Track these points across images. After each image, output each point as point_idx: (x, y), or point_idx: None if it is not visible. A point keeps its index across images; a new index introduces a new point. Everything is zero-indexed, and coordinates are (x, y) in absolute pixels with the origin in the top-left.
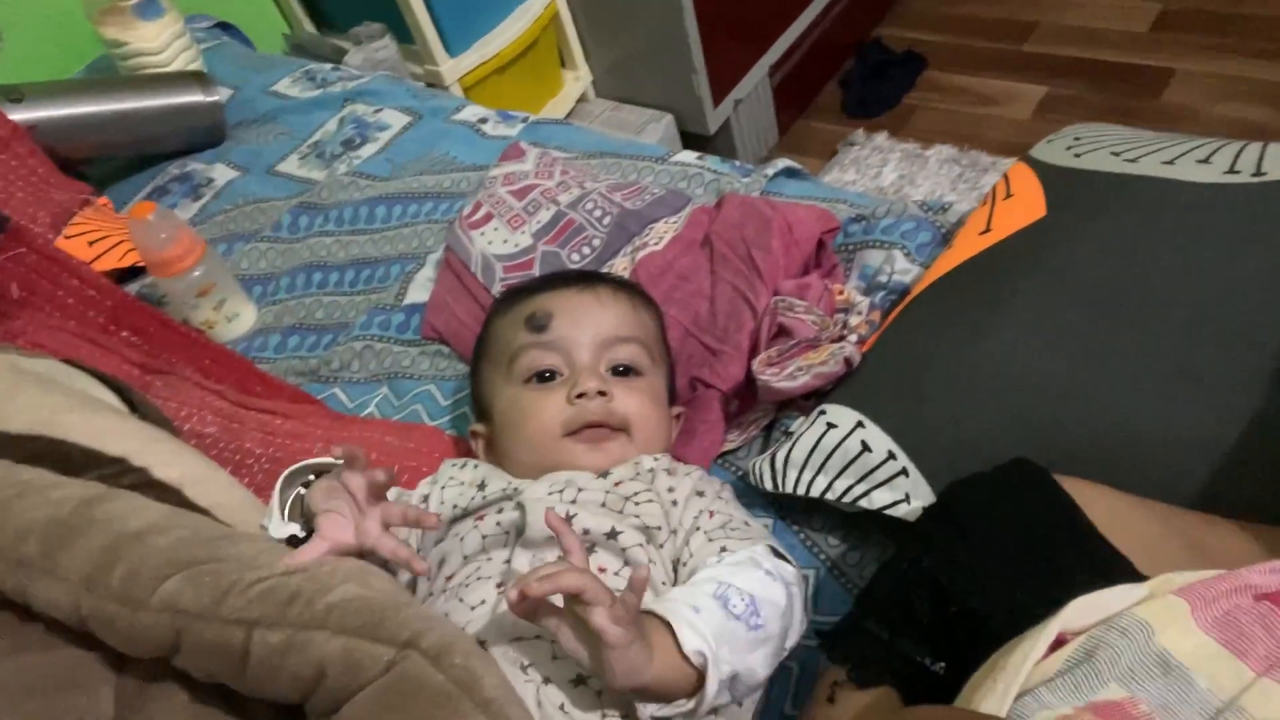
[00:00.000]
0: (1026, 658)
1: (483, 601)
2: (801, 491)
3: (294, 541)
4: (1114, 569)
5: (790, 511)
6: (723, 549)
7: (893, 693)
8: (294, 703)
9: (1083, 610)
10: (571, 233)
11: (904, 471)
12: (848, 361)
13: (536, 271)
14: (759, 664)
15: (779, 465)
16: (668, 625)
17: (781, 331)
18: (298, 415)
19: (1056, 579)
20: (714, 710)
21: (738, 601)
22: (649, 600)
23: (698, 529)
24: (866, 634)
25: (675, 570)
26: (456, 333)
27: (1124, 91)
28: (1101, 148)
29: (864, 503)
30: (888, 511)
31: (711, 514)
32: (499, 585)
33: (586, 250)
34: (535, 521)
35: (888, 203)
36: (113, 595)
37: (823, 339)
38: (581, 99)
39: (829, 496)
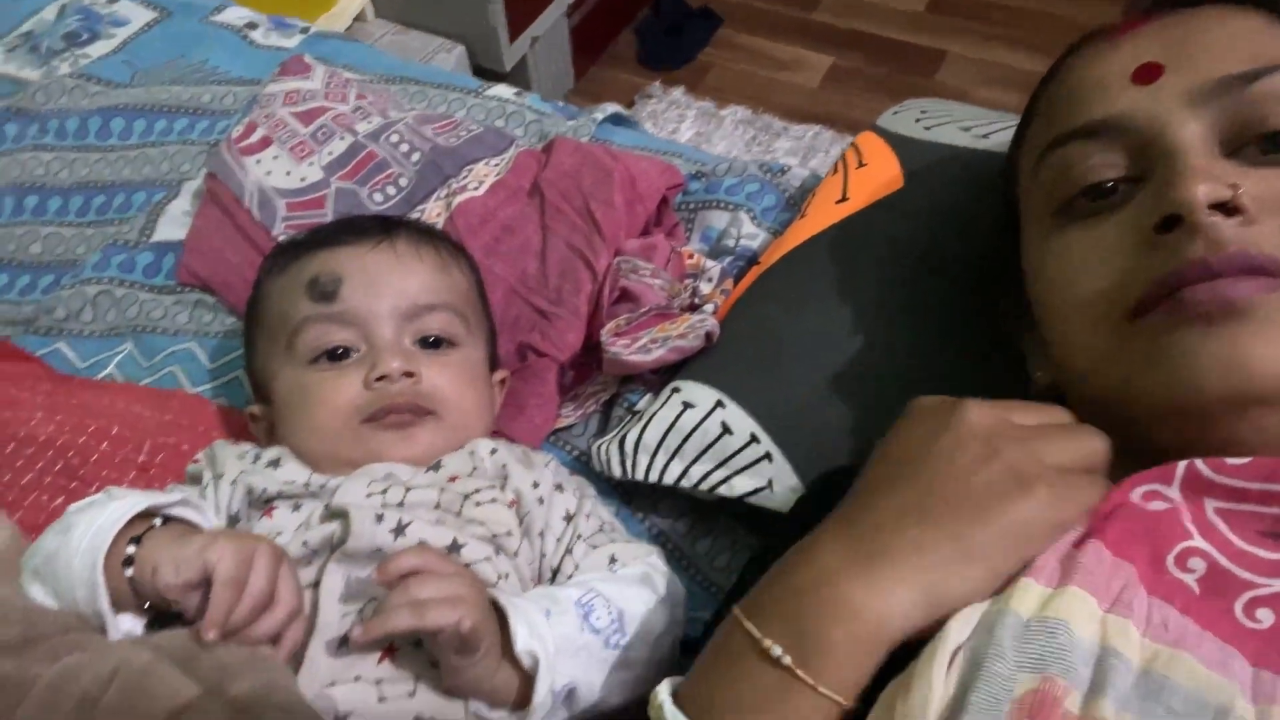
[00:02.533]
0: (927, 700)
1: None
2: (654, 479)
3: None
4: None
5: (634, 496)
6: (612, 559)
7: None
8: None
9: (962, 623)
10: (373, 169)
11: (767, 456)
12: (709, 336)
13: (329, 212)
14: (609, 688)
15: (629, 449)
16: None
17: (625, 296)
18: (8, 376)
19: None
20: None
21: (602, 614)
22: (495, 591)
23: (579, 536)
24: None
25: (553, 577)
26: (225, 280)
27: (902, 68)
28: (950, 122)
29: (723, 490)
30: (749, 500)
31: (587, 516)
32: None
33: (392, 190)
34: (362, 531)
35: (727, 161)
36: None
37: (674, 307)
38: (359, 18)
39: (684, 484)
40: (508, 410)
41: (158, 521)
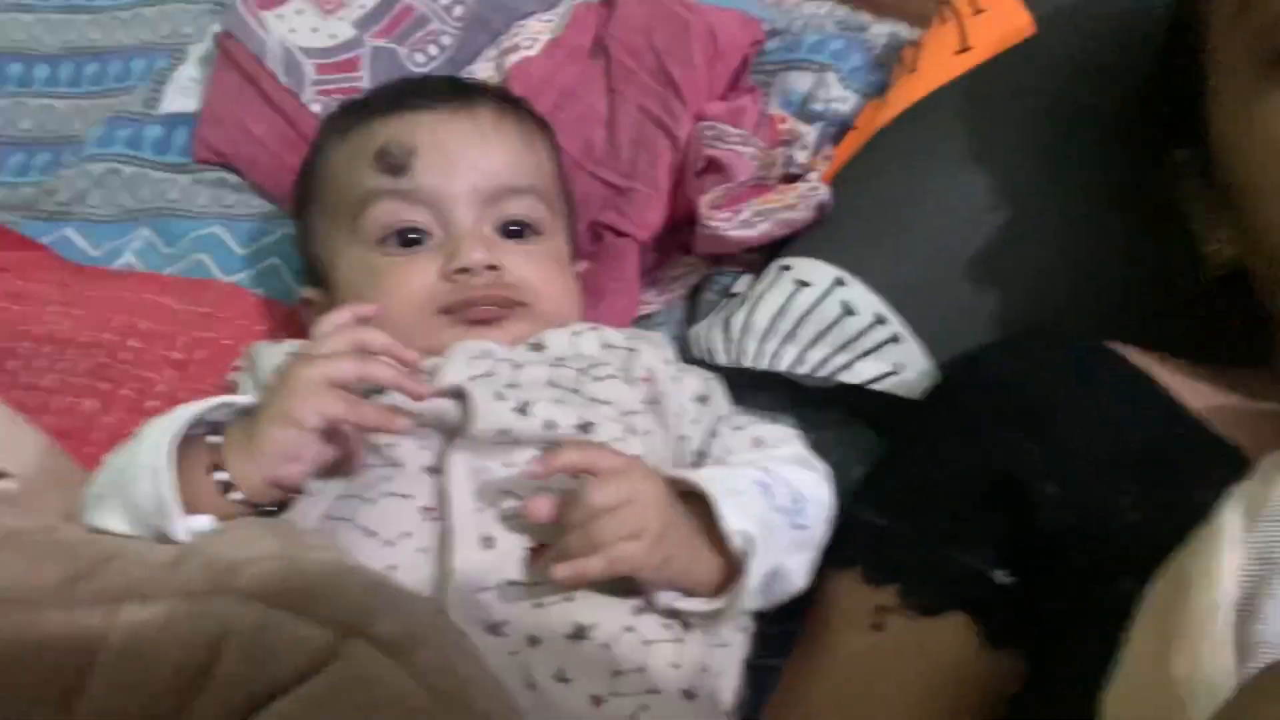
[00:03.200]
0: (1216, 605)
1: (407, 534)
2: (764, 364)
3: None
4: (1219, 454)
5: (731, 388)
6: (758, 440)
7: (970, 623)
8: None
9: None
10: (412, 25)
11: (895, 338)
12: (821, 208)
13: (365, 75)
14: (797, 570)
15: (735, 333)
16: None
17: (711, 167)
18: (13, 266)
19: (1162, 473)
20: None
21: (783, 494)
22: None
23: (718, 417)
24: (901, 542)
25: (698, 461)
26: (249, 155)
27: None
28: None
29: (845, 376)
30: (875, 386)
31: (719, 396)
32: (428, 509)
33: (434, 50)
34: (487, 410)
35: (802, 16)
36: None
37: (771, 178)
38: None
39: (800, 369)
40: (585, 298)
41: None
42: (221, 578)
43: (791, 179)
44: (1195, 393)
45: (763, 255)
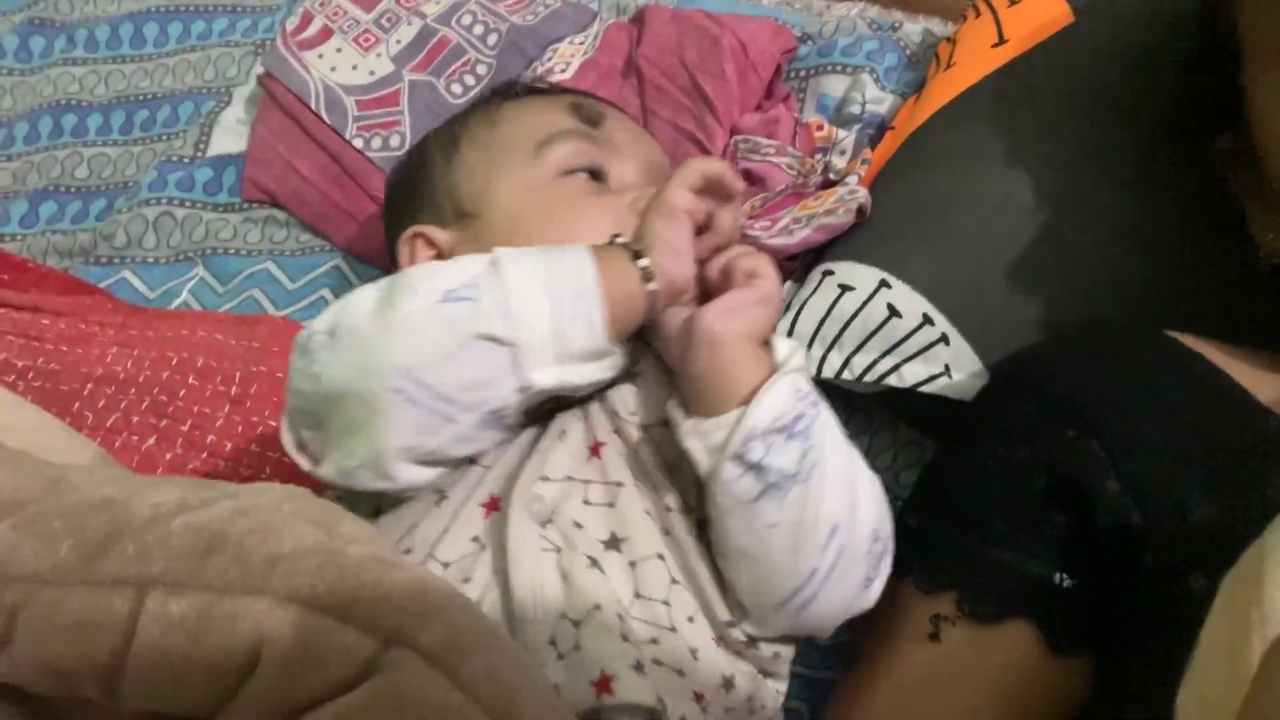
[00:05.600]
0: None
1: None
2: (810, 372)
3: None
4: None
5: None
6: None
7: (1033, 630)
8: (196, 715)
9: None
10: (448, 56)
11: (944, 338)
12: (860, 211)
13: (405, 109)
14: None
15: None
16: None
17: (748, 179)
18: (73, 312)
19: (1232, 466)
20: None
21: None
22: None
23: None
24: (956, 549)
25: None
26: (296, 192)
27: None
28: None
29: (893, 379)
30: (924, 389)
31: None
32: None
33: (471, 80)
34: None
35: (833, 18)
36: None
37: (809, 186)
38: None
39: (846, 375)
40: None
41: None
42: (257, 574)
43: (830, 185)
44: (1261, 382)
45: (803, 262)
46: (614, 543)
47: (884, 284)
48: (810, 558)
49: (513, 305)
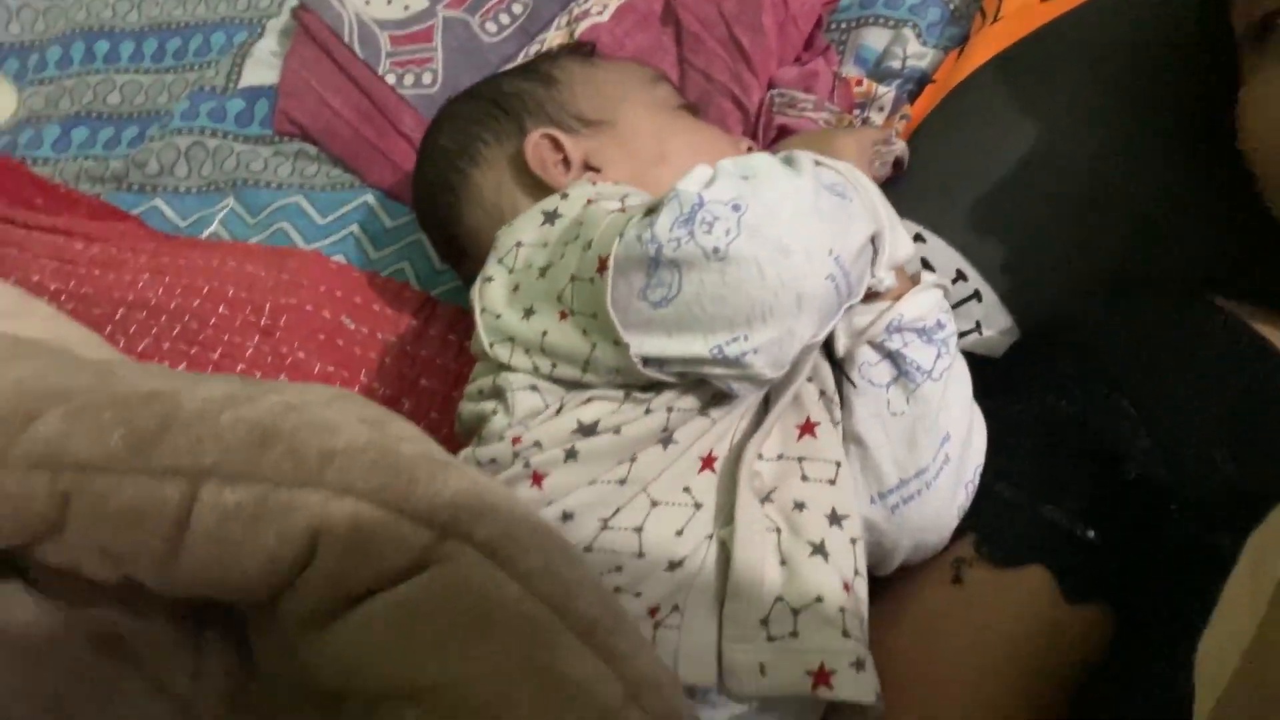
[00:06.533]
0: None
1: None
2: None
3: None
4: None
5: None
6: None
7: (1048, 577)
8: (250, 602)
9: None
10: None
11: (976, 295)
12: (898, 164)
13: (438, 46)
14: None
15: None
16: None
17: (784, 135)
18: (105, 237)
19: (1261, 425)
20: None
21: None
22: None
23: None
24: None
25: None
26: (328, 127)
27: None
28: None
29: None
30: None
31: None
32: None
33: (505, 19)
34: None
35: None
36: None
37: None
38: None
39: None
40: None
41: None
42: (312, 468)
43: None
44: None
45: None
46: (836, 518)
47: (918, 238)
48: (924, 455)
49: (875, 206)
